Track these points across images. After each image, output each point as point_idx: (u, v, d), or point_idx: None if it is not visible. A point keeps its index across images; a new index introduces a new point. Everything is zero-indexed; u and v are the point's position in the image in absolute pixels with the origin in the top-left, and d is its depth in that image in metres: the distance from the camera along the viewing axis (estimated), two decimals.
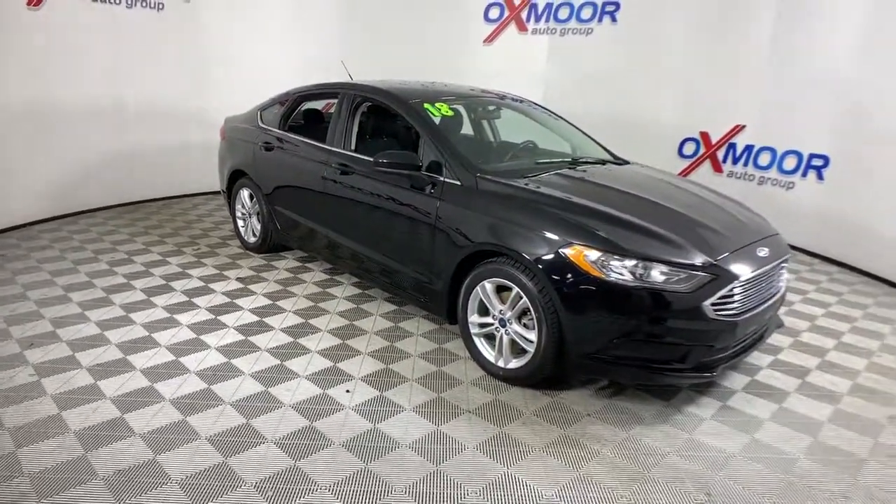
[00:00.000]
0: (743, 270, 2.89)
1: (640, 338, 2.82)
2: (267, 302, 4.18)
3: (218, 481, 2.41)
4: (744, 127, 6.37)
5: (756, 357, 3.67)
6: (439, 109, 3.84)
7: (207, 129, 6.74)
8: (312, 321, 3.90)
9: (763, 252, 3.06)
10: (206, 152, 6.74)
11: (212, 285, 4.44)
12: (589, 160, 4.08)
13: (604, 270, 2.78)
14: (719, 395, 3.22)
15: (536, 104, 4.75)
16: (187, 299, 4.18)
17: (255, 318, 3.92)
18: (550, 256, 2.90)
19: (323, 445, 2.66)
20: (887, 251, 5.19)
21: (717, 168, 6.66)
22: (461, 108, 4.31)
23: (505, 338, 3.18)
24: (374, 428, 2.80)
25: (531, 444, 2.73)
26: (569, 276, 2.83)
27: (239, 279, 4.59)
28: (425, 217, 3.46)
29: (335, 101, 4.33)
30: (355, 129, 4.18)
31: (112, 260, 4.90)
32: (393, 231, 3.73)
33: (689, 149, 6.86)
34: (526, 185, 3.30)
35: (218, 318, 3.91)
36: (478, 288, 3.23)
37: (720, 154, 6.60)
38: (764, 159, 6.23)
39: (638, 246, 2.83)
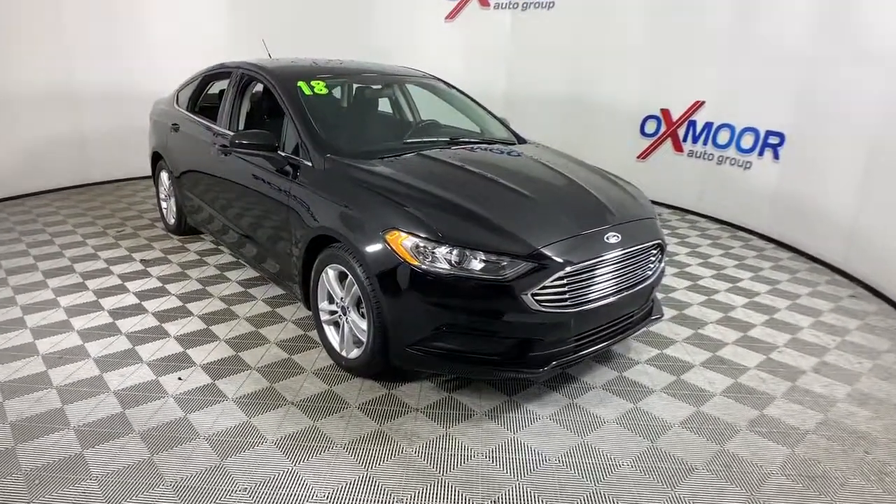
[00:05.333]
0: (576, 258, 2.65)
1: (459, 329, 2.64)
2: (157, 285, 4.14)
3: None
4: (703, 103, 5.98)
5: (636, 350, 3.43)
6: (313, 88, 3.68)
7: None
8: (189, 305, 3.84)
9: (614, 238, 2.81)
10: None
11: (113, 267, 4.43)
12: (472, 140, 3.85)
13: (419, 257, 2.60)
14: (572, 391, 3.01)
15: (448, 83, 4.51)
16: (81, 281, 4.17)
17: (134, 301, 3.88)
18: (373, 242, 2.73)
19: (120, 434, 2.58)
20: (833, 236, 4.79)
21: (678, 147, 6.28)
22: (353, 87, 4.14)
23: (346, 326, 3.04)
24: (184, 418, 2.71)
25: (336, 439, 2.59)
26: (388, 263, 2.67)
27: (143, 261, 4.56)
28: (284, 199, 3.33)
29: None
30: (243, 109, 4.06)
31: (33, 241, 4.95)
32: (262, 216, 3.61)
33: (650, 127, 6.49)
34: (369, 167, 3.12)
35: (99, 300, 3.89)
36: (322, 274, 3.09)
37: (680, 132, 6.22)
38: (723, 137, 5.84)
39: (456, 232, 2.63)
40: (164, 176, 5.11)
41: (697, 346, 3.52)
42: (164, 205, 5.28)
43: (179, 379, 3.02)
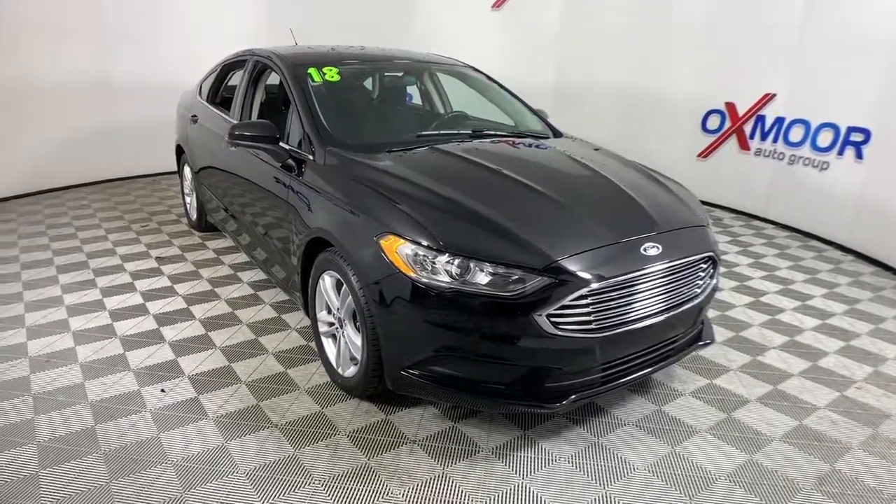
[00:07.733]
0: (604, 273, 2.21)
1: (462, 353, 2.25)
2: (166, 284, 3.94)
3: None
4: (774, 96, 5.33)
5: (681, 378, 2.94)
6: (324, 74, 3.36)
7: None
8: (193, 307, 3.61)
9: (653, 249, 2.35)
10: None
11: (127, 264, 4.27)
12: (498, 132, 3.43)
13: (417, 268, 2.23)
14: (598, 427, 2.57)
15: (480, 71, 4.11)
16: (91, 278, 4.02)
17: (139, 302, 3.68)
18: (366, 247, 2.38)
19: (84, 453, 2.33)
20: None
21: (744, 145, 5.65)
22: (372, 75, 3.82)
23: (342, 341, 2.71)
24: (156, 437, 2.44)
25: (316, 474, 2.25)
26: (382, 272, 2.31)
27: (158, 259, 4.39)
28: (286, 197, 3.03)
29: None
30: (256, 99, 3.79)
31: (56, 235, 4.88)
32: (269, 216, 3.33)
33: (713, 122, 5.88)
34: (371, 161, 2.77)
35: (104, 299, 3.71)
36: (319, 281, 2.77)
37: (747, 128, 5.60)
38: (796, 134, 5.18)
39: (460, 239, 2.24)
40: (186, 170, 4.95)
41: (755, 376, 3.00)
42: (187, 200, 5.12)
43: (162, 391, 2.77)
